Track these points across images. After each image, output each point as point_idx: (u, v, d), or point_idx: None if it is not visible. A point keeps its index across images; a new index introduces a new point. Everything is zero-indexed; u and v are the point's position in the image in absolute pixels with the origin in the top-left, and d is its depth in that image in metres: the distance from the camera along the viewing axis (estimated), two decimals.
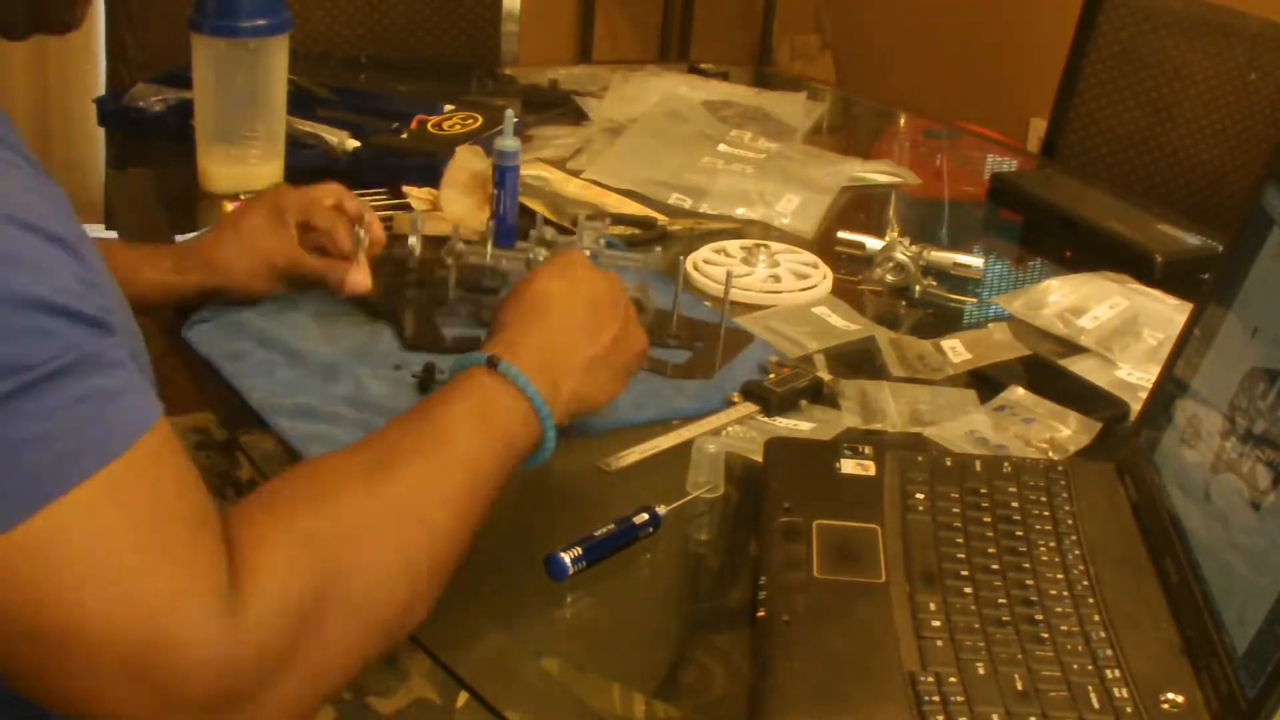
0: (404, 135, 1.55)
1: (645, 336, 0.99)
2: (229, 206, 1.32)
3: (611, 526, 0.91)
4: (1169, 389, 0.97)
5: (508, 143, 1.26)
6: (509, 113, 1.27)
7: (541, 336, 0.90)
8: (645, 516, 0.92)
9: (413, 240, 1.20)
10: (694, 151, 1.66)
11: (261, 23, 1.34)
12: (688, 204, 1.53)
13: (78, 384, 0.64)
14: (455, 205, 1.35)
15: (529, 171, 1.46)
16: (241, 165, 1.39)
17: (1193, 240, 1.49)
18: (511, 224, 1.29)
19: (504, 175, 1.27)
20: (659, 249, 1.38)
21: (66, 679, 0.65)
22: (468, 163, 1.38)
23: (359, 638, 0.73)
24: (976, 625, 0.80)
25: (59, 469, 0.63)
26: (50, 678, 0.65)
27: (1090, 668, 0.78)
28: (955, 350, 1.21)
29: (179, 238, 1.27)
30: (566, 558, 0.87)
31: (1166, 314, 1.28)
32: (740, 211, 1.52)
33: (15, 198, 0.66)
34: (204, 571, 0.66)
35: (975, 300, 1.36)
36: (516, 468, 0.85)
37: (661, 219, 1.46)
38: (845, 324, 1.26)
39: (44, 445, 0.63)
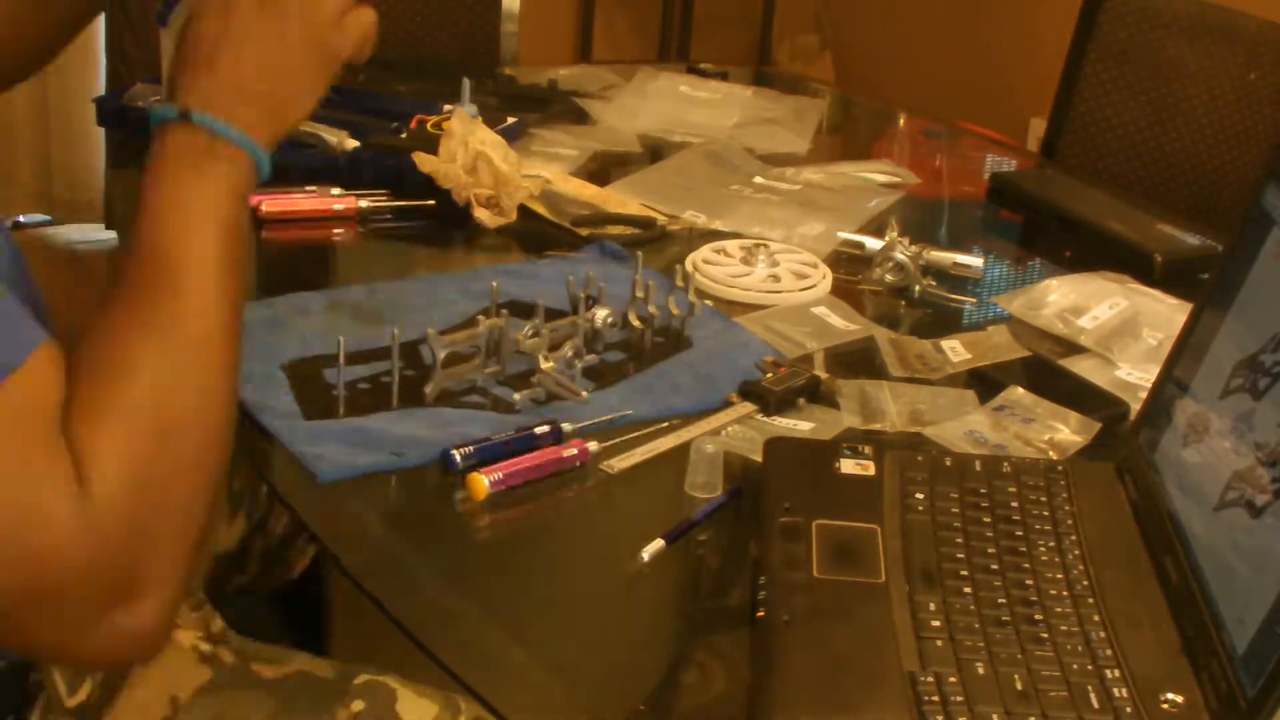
0: (404, 135, 1.55)
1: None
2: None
3: (512, 433, 1.00)
4: (1169, 389, 0.97)
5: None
6: (466, 81, 1.28)
7: (224, 65, 0.83)
8: (546, 429, 1.00)
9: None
10: (725, 183, 1.60)
11: None
12: (701, 219, 1.48)
13: None
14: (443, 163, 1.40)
15: (528, 171, 1.46)
16: None
17: (1193, 240, 1.49)
18: None
19: None
20: None
21: None
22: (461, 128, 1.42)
23: (203, 481, 0.75)
24: (976, 625, 0.80)
25: None
26: None
27: (1090, 668, 0.78)
28: (955, 350, 1.21)
29: None
30: (458, 454, 0.97)
31: (1166, 314, 1.28)
32: (757, 230, 1.46)
33: None
34: (58, 468, 0.69)
35: (975, 300, 1.35)
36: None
37: (661, 218, 1.45)
38: (845, 324, 1.26)
39: None
